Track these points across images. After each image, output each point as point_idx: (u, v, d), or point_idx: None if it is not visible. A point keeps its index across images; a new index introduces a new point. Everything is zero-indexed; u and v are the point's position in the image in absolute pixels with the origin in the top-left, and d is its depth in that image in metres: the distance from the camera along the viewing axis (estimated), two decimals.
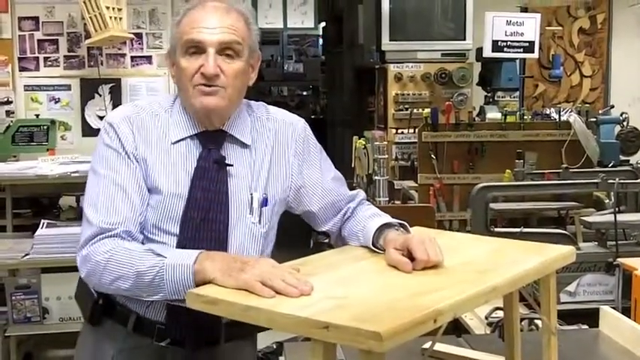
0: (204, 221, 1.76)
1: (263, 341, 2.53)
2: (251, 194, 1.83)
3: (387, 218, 1.84)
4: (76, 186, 3.95)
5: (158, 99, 1.90)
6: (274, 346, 2.72)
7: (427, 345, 1.70)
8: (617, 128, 4.82)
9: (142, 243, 1.75)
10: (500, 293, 1.53)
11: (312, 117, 10.98)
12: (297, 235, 3.69)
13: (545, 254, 1.69)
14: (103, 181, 1.75)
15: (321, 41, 11.20)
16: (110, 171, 1.75)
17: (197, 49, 1.75)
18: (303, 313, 1.29)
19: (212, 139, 1.82)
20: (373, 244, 1.76)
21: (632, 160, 4.78)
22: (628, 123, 4.83)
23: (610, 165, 4.20)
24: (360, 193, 2.03)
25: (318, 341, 1.27)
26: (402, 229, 1.78)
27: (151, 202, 1.77)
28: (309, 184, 1.92)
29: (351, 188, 2.05)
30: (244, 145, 1.85)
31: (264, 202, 1.84)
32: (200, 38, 1.74)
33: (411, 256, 1.58)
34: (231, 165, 1.81)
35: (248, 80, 1.86)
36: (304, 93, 12.13)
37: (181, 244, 1.74)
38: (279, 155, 1.89)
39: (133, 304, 1.80)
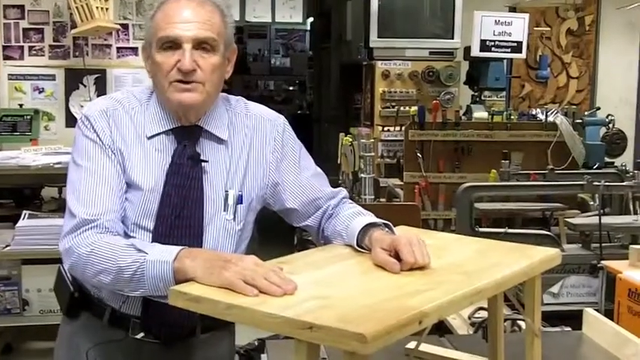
0: (178, 218, 1.75)
1: (244, 337, 2.51)
2: (226, 191, 1.81)
3: (372, 217, 1.82)
4: (59, 177, 3.90)
5: (135, 91, 1.87)
6: (256, 343, 2.69)
7: (411, 345, 1.68)
8: (603, 130, 4.85)
9: (126, 234, 1.74)
10: (487, 296, 1.52)
11: (299, 112, 10.98)
12: (280, 232, 3.67)
13: (531, 256, 1.67)
14: (84, 173, 1.74)
15: (308, 36, 11.19)
16: (90, 162, 1.74)
17: (173, 44, 1.73)
18: (287, 313, 1.27)
19: (187, 135, 1.80)
20: (358, 244, 1.73)
21: (617, 162, 4.81)
22: (614, 125, 4.85)
23: (595, 167, 4.22)
24: (342, 192, 2.00)
25: (301, 341, 1.25)
26: (386, 228, 1.77)
27: (127, 196, 1.76)
28: (286, 181, 1.90)
29: (336, 185, 2.04)
30: (220, 141, 1.83)
31: (240, 200, 1.83)
32: (175, 34, 1.72)
33: (398, 257, 1.56)
34: (207, 161, 1.80)
35: (224, 74, 1.83)
36: (291, 88, 12.11)
37: (155, 241, 1.73)
38: (256, 152, 1.87)
39: (108, 298, 1.80)
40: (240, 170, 1.84)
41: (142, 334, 1.79)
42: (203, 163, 1.79)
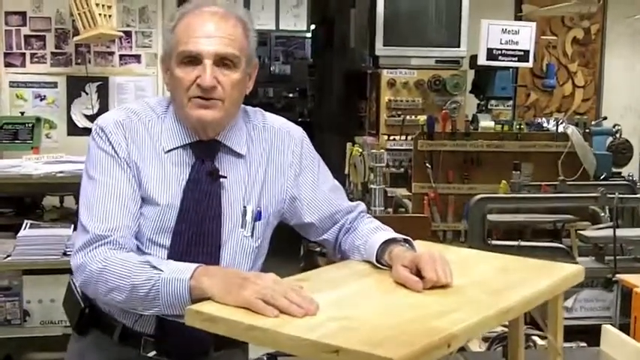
0: (195, 235, 1.71)
1: (253, 352, 2.45)
2: (244, 207, 1.77)
3: (391, 233, 1.77)
4: (61, 186, 3.86)
5: (151, 103, 1.82)
6: (265, 358, 2.63)
7: None
8: (609, 139, 4.81)
9: (139, 250, 1.70)
10: (514, 315, 1.48)
11: (300, 120, 10.92)
12: (285, 242, 3.62)
13: (555, 274, 1.64)
14: (97, 186, 1.69)
15: (309, 43, 11.15)
16: (105, 176, 1.69)
17: (193, 59, 1.68)
18: (311, 336, 1.22)
19: (205, 150, 1.76)
20: (377, 260, 1.69)
21: (623, 171, 4.78)
22: (620, 135, 4.82)
23: (602, 177, 4.18)
24: (360, 205, 1.96)
25: None
26: (407, 244, 1.71)
27: (143, 211, 1.71)
28: (304, 195, 1.86)
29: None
30: (239, 156, 1.79)
31: (258, 216, 1.79)
32: (197, 50, 1.67)
33: (419, 274, 1.52)
34: (225, 177, 1.76)
35: (245, 90, 1.79)
36: (291, 95, 12.07)
37: (172, 257, 1.68)
38: (275, 166, 1.83)
39: (120, 315, 1.75)
40: (258, 184, 1.80)
41: (154, 353, 1.74)
42: (221, 179, 1.75)
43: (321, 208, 1.86)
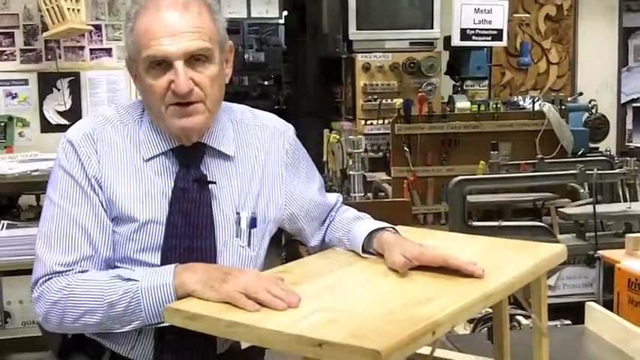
0: (188, 250, 1.56)
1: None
2: (238, 213, 1.62)
3: (371, 220, 1.75)
4: (36, 185, 3.80)
5: (126, 106, 1.66)
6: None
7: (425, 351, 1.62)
8: (585, 115, 4.83)
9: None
10: (497, 299, 1.47)
11: (276, 107, 10.87)
12: None
13: (537, 254, 1.63)
14: (58, 213, 1.54)
15: (282, 30, 11.09)
16: (66, 202, 1.54)
17: (161, 62, 1.52)
18: (294, 330, 1.20)
19: (190, 155, 1.60)
20: (363, 249, 1.65)
21: (601, 147, 4.80)
22: (597, 110, 4.84)
23: (580, 153, 4.20)
24: (339, 199, 1.90)
25: (309, 359, 1.18)
26: (396, 231, 1.67)
27: (123, 231, 1.56)
28: (300, 198, 1.75)
29: (325, 184, 1.94)
30: (227, 157, 1.64)
31: (253, 223, 1.64)
32: (162, 53, 1.50)
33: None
34: (214, 182, 1.61)
35: (224, 80, 1.63)
36: (266, 83, 12.00)
37: None
38: (270, 168, 1.69)
39: (112, 342, 1.60)
40: (253, 189, 1.66)
41: None
42: (211, 185, 1.60)
43: (313, 210, 1.79)
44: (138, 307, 1.44)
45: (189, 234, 1.57)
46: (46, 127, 4.80)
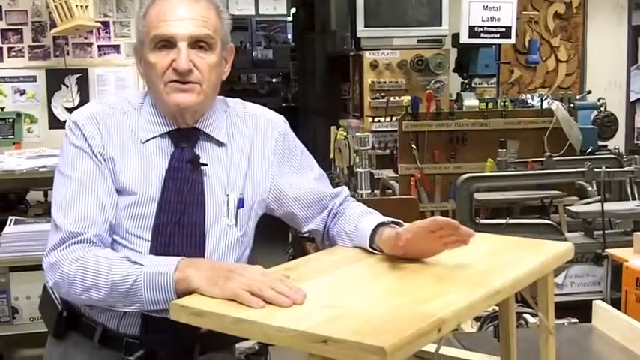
0: (178, 225, 1.67)
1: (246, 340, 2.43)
2: (227, 195, 1.73)
3: (380, 216, 1.75)
4: (44, 181, 3.83)
5: (127, 95, 1.79)
6: (256, 347, 2.63)
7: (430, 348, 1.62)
8: (594, 113, 4.81)
9: (112, 247, 1.65)
10: (504, 296, 1.46)
11: (284, 105, 10.88)
12: (273, 229, 3.60)
13: (544, 252, 1.63)
14: (70, 184, 1.65)
15: (290, 27, 11.09)
16: (78, 172, 1.66)
17: (167, 43, 1.65)
18: (300, 326, 1.20)
19: (185, 138, 1.72)
20: (370, 245, 1.67)
21: (609, 145, 4.78)
22: (605, 108, 4.82)
23: (588, 151, 4.19)
24: (344, 190, 1.94)
25: (314, 356, 1.18)
26: (397, 227, 1.69)
27: (120, 204, 1.67)
28: (289, 184, 1.83)
29: (330, 180, 1.97)
30: (219, 144, 1.76)
31: (241, 204, 1.74)
32: (170, 32, 1.64)
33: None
34: (206, 165, 1.72)
35: (222, 74, 1.76)
36: (274, 80, 12.03)
37: (154, 250, 1.64)
38: (257, 154, 1.79)
39: (101, 316, 1.70)
40: (241, 173, 1.76)
41: (137, 354, 1.68)
42: (203, 167, 1.71)
43: (307, 196, 1.84)
44: (139, 290, 1.51)
45: (179, 210, 1.67)
46: (55, 123, 4.81)
